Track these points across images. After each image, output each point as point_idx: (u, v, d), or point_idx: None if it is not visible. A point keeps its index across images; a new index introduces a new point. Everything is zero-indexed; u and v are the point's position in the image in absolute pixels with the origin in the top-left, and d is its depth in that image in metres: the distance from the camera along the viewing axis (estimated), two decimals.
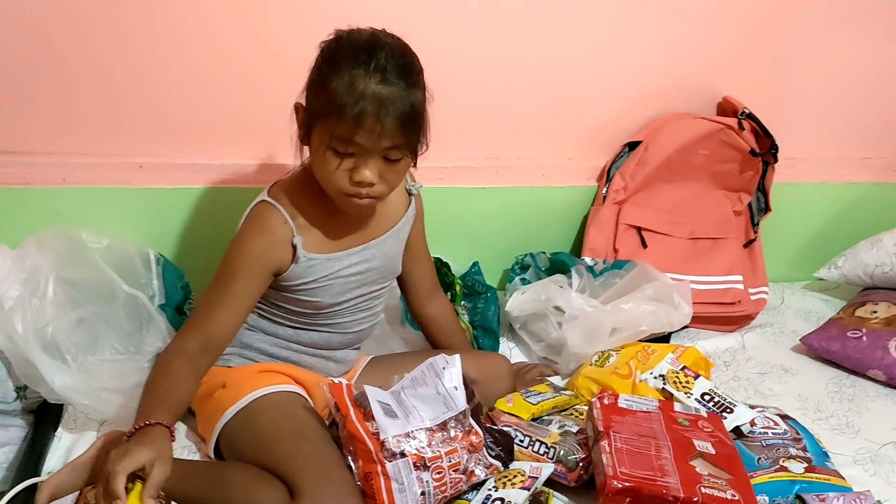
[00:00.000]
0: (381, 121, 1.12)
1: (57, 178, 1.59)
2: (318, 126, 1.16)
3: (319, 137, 1.16)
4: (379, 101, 1.12)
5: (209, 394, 1.31)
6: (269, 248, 1.23)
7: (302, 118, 1.21)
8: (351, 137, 1.13)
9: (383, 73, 1.13)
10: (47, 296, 1.34)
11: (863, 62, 1.92)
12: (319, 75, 1.17)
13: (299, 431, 1.22)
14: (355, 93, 1.11)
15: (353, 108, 1.11)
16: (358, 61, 1.13)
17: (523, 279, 1.80)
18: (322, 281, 1.28)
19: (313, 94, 1.18)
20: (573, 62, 1.77)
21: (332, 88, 1.12)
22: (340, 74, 1.13)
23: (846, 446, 1.47)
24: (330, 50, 1.18)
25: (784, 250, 2.08)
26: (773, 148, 1.81)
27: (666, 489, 1.16)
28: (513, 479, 1.25)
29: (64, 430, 1.37)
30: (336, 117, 1.12)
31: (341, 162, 1.17)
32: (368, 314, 1.39)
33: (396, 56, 1.16)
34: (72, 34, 1.50)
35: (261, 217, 1.25)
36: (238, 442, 1.25)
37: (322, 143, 1.16)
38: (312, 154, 1.21)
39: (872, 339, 1.66)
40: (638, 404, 1.36)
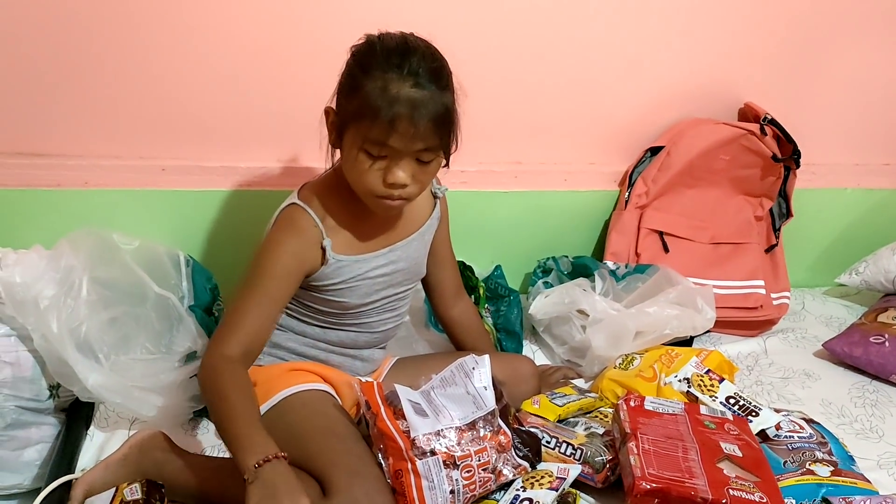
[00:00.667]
0: (415, 123, 1.13)
1: (87, 180, 1.61)
2: (351, 129, 1.17)
3: (352, 140, 1.18)
4: (412, 105, 1.13)
5: None
6: (301, 250, 1.25)
7: (333, 121, 1.22)
8: (385, 140, 1.14)
9: (416, 77, 1.14)
10: (81, 296, 1.36)
11: (884, 69, 1.92)
12: (351, 79, 1.18)
13: (329, 429, 1.24)
14: (389, 96, 1.13)
15: (388, 112, 1.12)
16: (390, 65, 1.14)
17: (546, 282, 1.81)
18: (350, 282, 1.30)
19: (345, 98, 1.19)
20: (596, 67, 1.79)
21: (365, 92, 1.14)
22: (373, 78, 1.14)
23: (870, 451, 1.47)
24: (362, 54, 1.19)
25: (805, 256, 2.09)
26: (795, 154, 1.82)
27: (694, 491, 1.17)
28: (540, 479, 1.25)
29: (96, 429, 1.39)
30: (370, 120, 1.13)
31: (374, 163, 1.18)
32: (394, 314, 1.40)
33: (428, 60, 1.17)
34: (100, 38, 1.52)
35: (291, 219, 1.26)
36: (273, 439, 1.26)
37: (355, 146, 1.17)
38: (344, 157, 1.22)
39: (895, 344, 1.67)
40: (664, 407, 1.36)
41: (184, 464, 1.24)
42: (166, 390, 1.39)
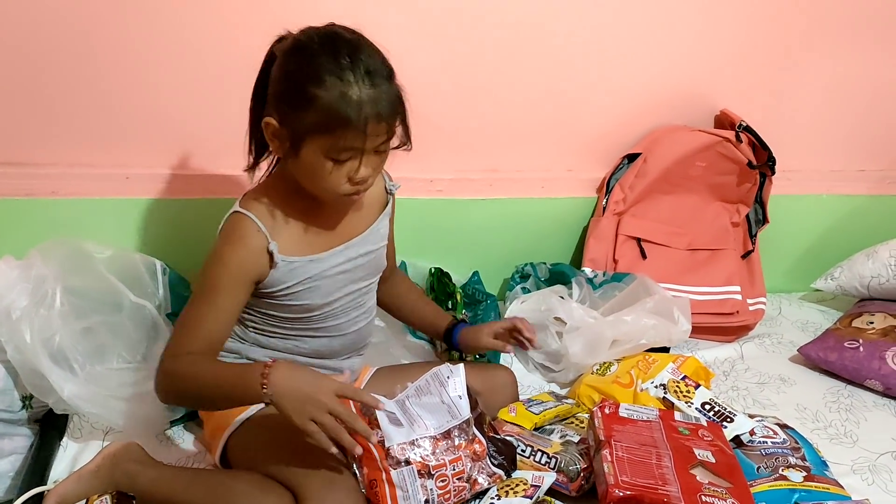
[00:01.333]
0: (385, 121, 1.13)
1: (61, 189, 1.61)
2: (315, 141, 1.13)
3: (315, 151, 1.14)
4: (377, 105, 1.12)
5: None
6: (246, 258, 1.21)
7: (280, 134, 1.17)
8: (361, 146, 1.13)
9: (370, 76, 1.12)
10: (54, 306, 1.35)
11: (858, 76, 1.94)
12: (297, 88, 1.12)
13: (303, 440, 1.23)
14: (353, 103, 1.10)
15: (358, 119, 1.10)
16: (342, 68, 1.11)
17: (524, 288, 1.82)
18: (308, 283, 1.27)
19: (293, 110, 1.13)
20: (572, 74, 1.80)
21: (325, 103, 1.10)
22: (329, 87, 1.10)
23: (844, 455, 1.49)
24: (300, 58, 1.13)
25: (781, 261, 2.10)
26: (770, 160, 1.83)
27: (667, 498, 1.17)
28: (515, 487, 1.26)
29: (69, 440, 1.38)
30: (341, 130, 1.11)
31: (340, 167, 1.16)
32: (362, 311, 1.38)
33: (371, 52, 1.15)
34: (69, 48, 1.52)
35: (233, 228, 1.23)
36: (245, 450, 1.26)
37: (319, 156, 1.14)
38: (303, 165, 1.17)
39: (869, 349, 1.68)
40: (639, 413, 1.37)
41: (157, 475, 1.23)
42: (143, 399, 1.39)
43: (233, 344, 1.33)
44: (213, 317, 1.20)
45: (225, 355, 1.32)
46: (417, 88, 1.69)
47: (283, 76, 1.16)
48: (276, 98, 1.17)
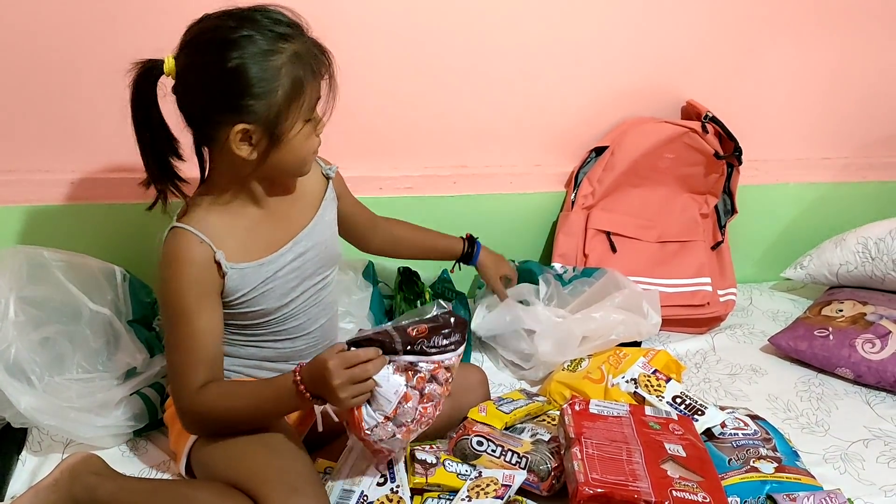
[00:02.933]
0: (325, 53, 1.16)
1: (19, 196, 1.57)
2: (290, 115, 1.13)
3: (296, 124, 1.15)
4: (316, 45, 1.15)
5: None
6: (199, 273, 1.17)
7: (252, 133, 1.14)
8: (319, 93, 1.16)
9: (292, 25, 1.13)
10: (8, 317, 1.32)
11: (820, 65, 1.95)
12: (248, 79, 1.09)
13: (271, 446, 1.21)
14: (304, 56, 1.12)
15: (317, 64, 1.14)
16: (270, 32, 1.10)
17: None
18: (260, 287, 1.24)
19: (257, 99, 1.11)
20: (538, 69, 1.79)
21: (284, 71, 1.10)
22: (275, 54, 1.10)
23: (816, 445, 1.49)
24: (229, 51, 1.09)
25: (751, 251, 2.11)
26: (736, 150, 1.83)
27: (637, 494, 1.16)
28: (486, 488, 1.25)
29: (28, 453, 1.35)
30: (308, 84, 1.13)
31: (313, 126, 1.19)
32: (321, 308, 1.35)
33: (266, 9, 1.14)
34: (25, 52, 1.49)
35: (176, 245, 1.18)
36: (209, 457, 1.23)
37: (301, 125, 1.15)
38: (289, 148, 1.16)
39: (839, 337, 1.68)
40: (609, 409, 1.36)
41: (117, 487, 1.20)
42: (104, 410, 1.36)
43: None
44: (200, 341, 1.18)
45: None
46: (385, 86, 1.69)
47: (224, 87, 1.11)
48: (229, 106, 1.12)
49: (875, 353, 1.63)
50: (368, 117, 1.70)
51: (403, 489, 1.26)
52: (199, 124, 1.17)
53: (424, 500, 1.27)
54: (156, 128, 1.18)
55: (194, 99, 1.14)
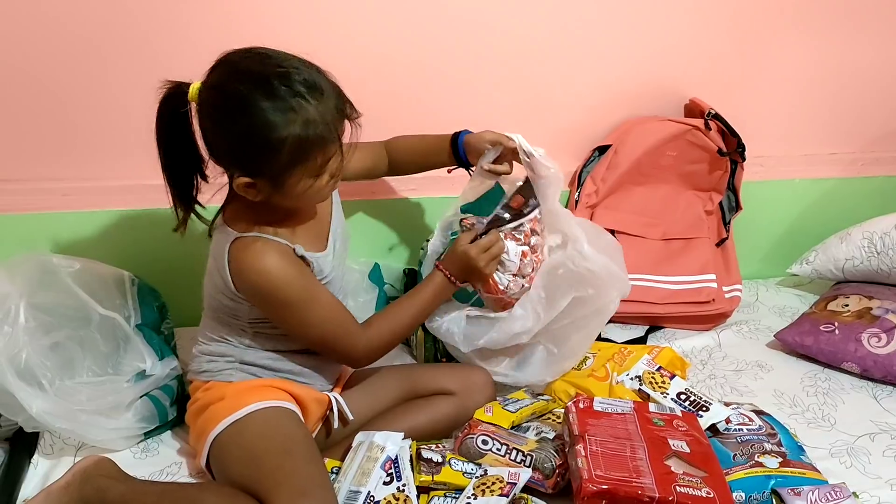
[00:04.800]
0: (343, 113, 1.18)
1: (29, 204, 1.59)
2: (295, 173, 1.17)
3: (299, 179, 1.18)
4: (333, 106, 1.16)
5: (206, 405, 1.32)
6: (294, 261, 1.25)
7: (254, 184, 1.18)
8: (337, 149, 1.18)
9: (312, 88, 1.14)
10: (19, 322, 1.33)
11: (826, 60, 1.95)
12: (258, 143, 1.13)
13: (286, 448, 1.23)
14: (317, 122, 1.13)
15: (328, 131, 1.15)
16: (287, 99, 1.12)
17: None
18: (328, 277, 1.33)
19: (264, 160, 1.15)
20: (540, 69, 1.79)
21: (293, 139, 1.12)
22: (286, 125, 1.11)
23: (822, 439, 1.49)
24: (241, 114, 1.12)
25: (757, 248, 2.11)
26: (739, 147, 1.83)
27: (641, 490, 1.17)
28: (491, 486, 1.25)
29: (40, 457, 1.37)
30: (318, 149, 1.15)
31: (324, 176, 1.21)
32: (342, 295, 1.41)
33: (295, 63, 1.16)
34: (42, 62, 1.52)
35: (257, 251, 1.22)
36: (227, 453, 1.26)
37: (306, 180, 1.18)
38: (291, 196, 1.21)
39: (845, 332, 1.68)
40: (613, 406, 1.37)
41: (126, 489, 1.22)
42: (115, 412, 1.38)
43: (226, 348, 1.34)
44: (336, 306, 1.31)
45: (216, 359, 1.34)
46: (387, 86, 1.70)
47: (232, 139, 1.15)
48: (236, 161, 1.18)
49: (881, 348, 1.63)
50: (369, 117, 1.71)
51: (409, 488, 1.27)
52: (212, 158, 1.22)
53: (430, 499, 1.28)
54: (180, 148, 1.22)
55: (207, 139, 1.19)
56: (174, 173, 1.25)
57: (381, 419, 1.41)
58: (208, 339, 1.36)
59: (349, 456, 1.33)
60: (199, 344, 1.38)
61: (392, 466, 1.30)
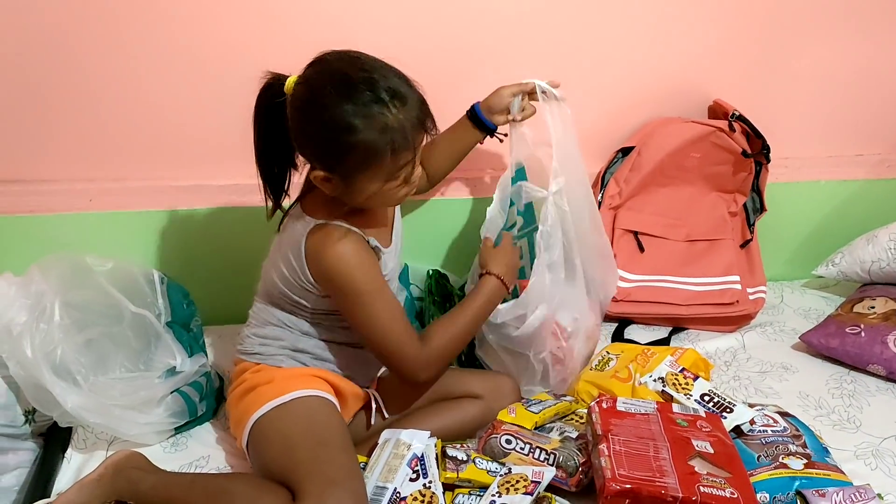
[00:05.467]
0: (423, 124, 1.20)
1: (60, 205, 1.63)
2: (368, 175, 1.20)
3: (372, 181, 1.22)
4: (414, 116, 1.19)
5: (251, 388, 1.35)
6: (368, 252, 1.29)
7: (329, 178, 1.23)
8: (412, 156, 1.21)
9: (396, 96, 1.17)
10: (54, 320, 1.37)
11: (850, 60, 1.93)
12: (335, 142, 1.17)
13: (322, 437, 1.27)
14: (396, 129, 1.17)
15: (405, 139, 1.18)
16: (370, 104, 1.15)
17: None
18: (391, 273, 1.38)
19: (338, 160, 1.19)
20: (563, 70, 1.78)
21: (369, 143, 1.16)
22: (364, 128, 1.15)
23: (847, 441, 1.48)
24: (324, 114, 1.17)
25: (782, 249, 2.10)
26: (764, 148, 1.82)
27: (665, 489, 1.17)
28: (515, 484, 1.27)
29: (74, 451, 1.40)
30: (393, 156, 1.18)
31: (398, 181, 1.24)
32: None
33: (383, 69, 1.19)
34: (66, 64, 1.54)
35: (331, 237, 1.26)
36: (266, 436, 1.29)
37: (378, 183, 1.22)
38: (363, 196, 1.25)
39: (871, 334, 1.67)
40: (636, 407, 1.37)
41: (157, 480, 1.25)
42: (147, 407, 1.41)
43: (281, 332, 1.38)
44: (398, 307, 1.33)
45: (269, 343, 1.38)
46: None
47: (313, 134, 1.20)
48: (314, 154, 1.23)
49: None
50: None
51: (436, 484, 1.29)
52: (297, 148, 1.26)
53: (455, 496, 1.29)
54: (274, 139, 1.27)
55: (293, 130, 1.23)
56: (266, 162, 1.30)
57: (408, 419, 1.44)
58: (263, 322, 1.39)
59: (375, 453, 1.35)
60: (251, 326, 1.42)
61: (418, 464, 1.31)
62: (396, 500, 1.26)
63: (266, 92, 1.25)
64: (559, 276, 1.53)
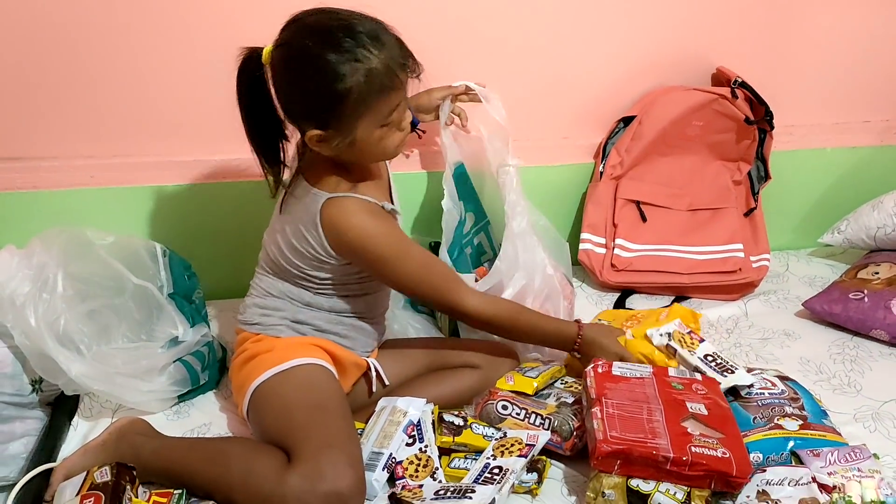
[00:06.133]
0: (406, 65, 1.22)
1: (63, 181, 1.65)
2: (363, 123, 1.21)
3: (367, 129, 1.23)
4: (395, 57, 1.20)
5: (252, 356, 1.37)
6: (387, 216, 1.33)
7: (325, 138, 1.24)
8: (396, 103, 1.22)
9: (375, 39, 1.18)
10: (56, 291, 1.39)
11: (856, 25, 1.91)
12: (325, 95, 1.18)
13: (320, 403, 1.29)
14: (380, 72, 1.18)
15: (391, 80, 1.19)
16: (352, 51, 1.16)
17: None
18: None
19: (332, 113, 1.20)
20: (565, 41, 1.79)
21: (358, 89, 1.17)
22: (351, 75, 1.16)
23: (847, 405, 1.48)
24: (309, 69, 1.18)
25: (789, 218, 2.08)
26: (767, 115, 1.81)
27: (656, 450, 1.18)
28: (510, 447, 1.28)
29: (80, 419, 1.43)
30: (383, 98, 1.19)
31: (391, 127, 1.25)
32: None
33: (359, 17, 1.20)
34: (68, 43, 1.56)
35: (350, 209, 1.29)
36: (266, 403, 1.31)
37: (374, 130, 1.23)
38: (362, 148, 1.26)
39: (874, 299, 1.66)
40: (632, 371, 1.38)
41: (158, 444, 1.28)
42: (149, 375, 1.43)
43: (282, 304, 1.39)
44: (430, 257, 1.39)
45: (270, 313, 1.40)
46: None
47: (301, 91, 1.21)
48: (305, 113, 1.24)
49: None
50: None
51: (431, 448, 1.31)
52: (286, 117, 1.27)
53: (451, 460, 1.31)
54: (261, 113, 1.27)
55: (280, 98, 1.24)
56: (258, 138, 1.31)
57: (406, 387, 1.45)
58: (264, 293, 1.41)
59: (372, 420, 1.37)
60: (252, 297, 1.43)
61: (414, 430, 1.33)
62: (392, 465, 1.28)
63: (245, 67, 1.25)
64: (530, 242, 1.55)
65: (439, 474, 1.27)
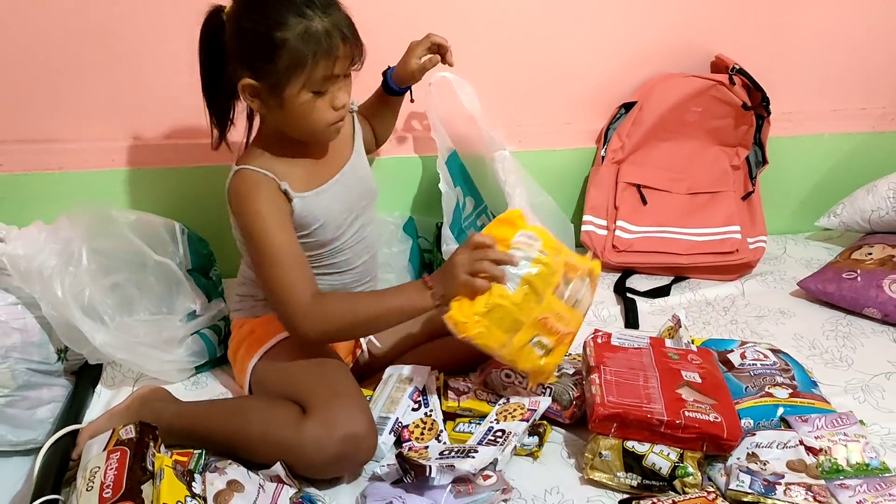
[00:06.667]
0: (350, 43, 1.23)
1: (87, 162, 1.72)
2: (292, 82, 1.23)
3: (296, 92, 1.24)
4: (339, 29, 1.21)
5: (240, 343, 1.44)
6: (272, 198, 1.30)
7: (258, 90, 1.25)
8: (331, 73, 1.23)
9: (325, 6, 1.21)
10: (82, 264, 1.46)
11: (854, 15, 1.96)
12: (263, 40, 1.20)
13: (319, 362, 1.35)
14: (318, 33, 1.19)
15: (329, 46, 1.20)
16: (299, 5, 1.19)
17: None
18: (320, 217, 1.36)
19: (264, 62, 1.22)
20: (568, 27, 1.84)
21: (293, 42, 1.19)
22: (290, 26, 1.19)
23: (838, 378, 1.53)
24: (256, 12, 1.21)
25: (786, 203, 2.13)
26: (764, 101, 1.86)
27: (651, 414, 1.24)
28: (513, 412, 1.34)
29: (103, 387, 1.50)
30: (312, 64, 1.21)
31: (320, 98, 1.26)
32: (364, 245, 1.47)
33: None
34: (77, 23, 1.61)
35: (243, 181, 1.31)
36: (266, 378, 1.38)
37: (302, 94, 1.24)
38: (287, 110, 1.26)
39: (867, 278, 1.72)
40: (630, 341, 1.44)
41: (179, 409, 1.35)
42: (169, 346, 1.51)
43: (249, 288, 1.45)
44: (293, 254, 1.29)
45: (245, 298, 1.46)
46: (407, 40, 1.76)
47: (244, 34, 1.23)
48: (244, 58, 1.25)
49: None
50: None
51: (436, 413, 1.37)
52: (228, 62, 1.28)
53: (456, 424, 1.37)
54: (217, 70, 1.30)
55: (227, 45, 1.27)
56: (211, 93, 1.34)
57: (410, 355, 1.50)
58: (240, 281, 1.48)
59: (378, 388, 1.43)
60: (234, 285, 1.51)
61: (420, 396, 1.39)
62: (399, 429, 1.34)
63: (208, 22, 1.29)
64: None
65: (444, 437, 1.34)
